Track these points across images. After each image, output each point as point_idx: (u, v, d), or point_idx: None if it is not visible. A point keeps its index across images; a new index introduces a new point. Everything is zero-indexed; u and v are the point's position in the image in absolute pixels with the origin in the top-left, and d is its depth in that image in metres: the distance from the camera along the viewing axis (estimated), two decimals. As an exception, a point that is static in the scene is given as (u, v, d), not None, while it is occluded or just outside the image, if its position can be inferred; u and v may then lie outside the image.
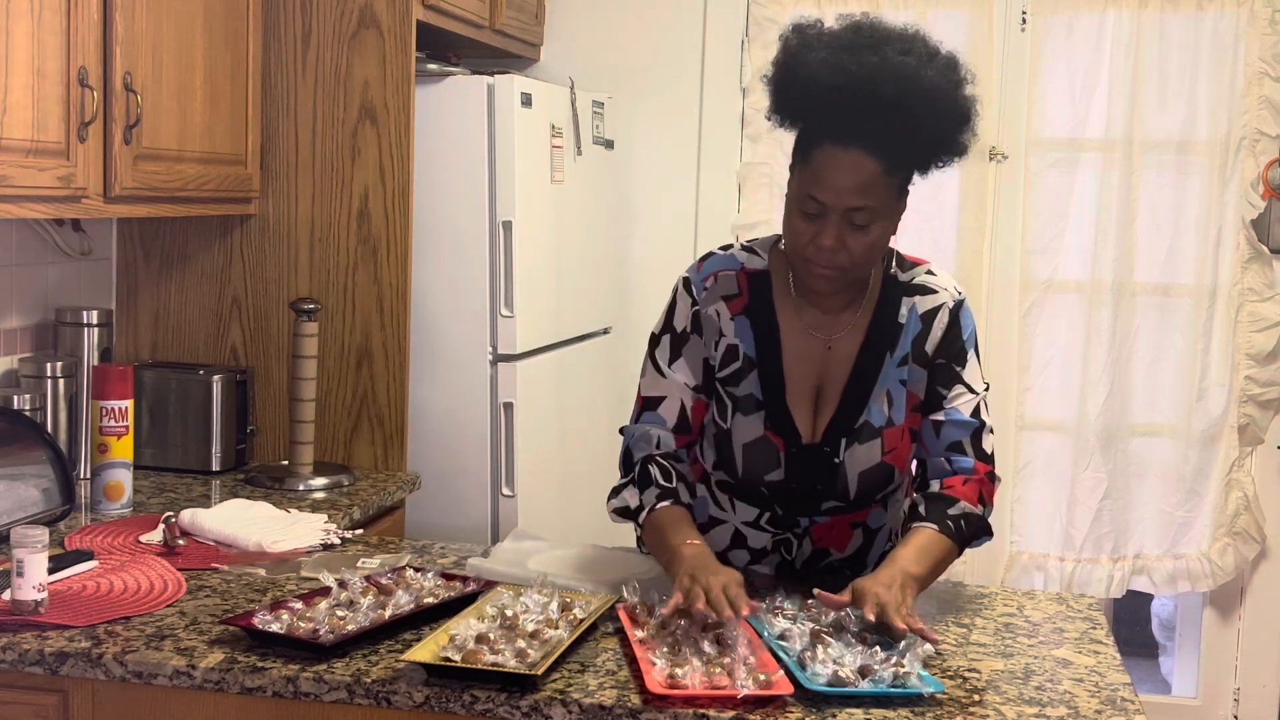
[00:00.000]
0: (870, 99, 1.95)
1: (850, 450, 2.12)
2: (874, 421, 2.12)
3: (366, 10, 3.02)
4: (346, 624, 1.86)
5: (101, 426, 2.61)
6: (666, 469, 2.13)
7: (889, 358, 2.12)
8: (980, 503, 2.09)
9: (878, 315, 2.13)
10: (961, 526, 2.05)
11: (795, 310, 2.14)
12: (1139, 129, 3.74)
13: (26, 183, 2.28)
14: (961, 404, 2.12)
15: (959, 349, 2.13)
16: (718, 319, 2.14)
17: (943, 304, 2.14)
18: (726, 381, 2.15)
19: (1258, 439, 3.82)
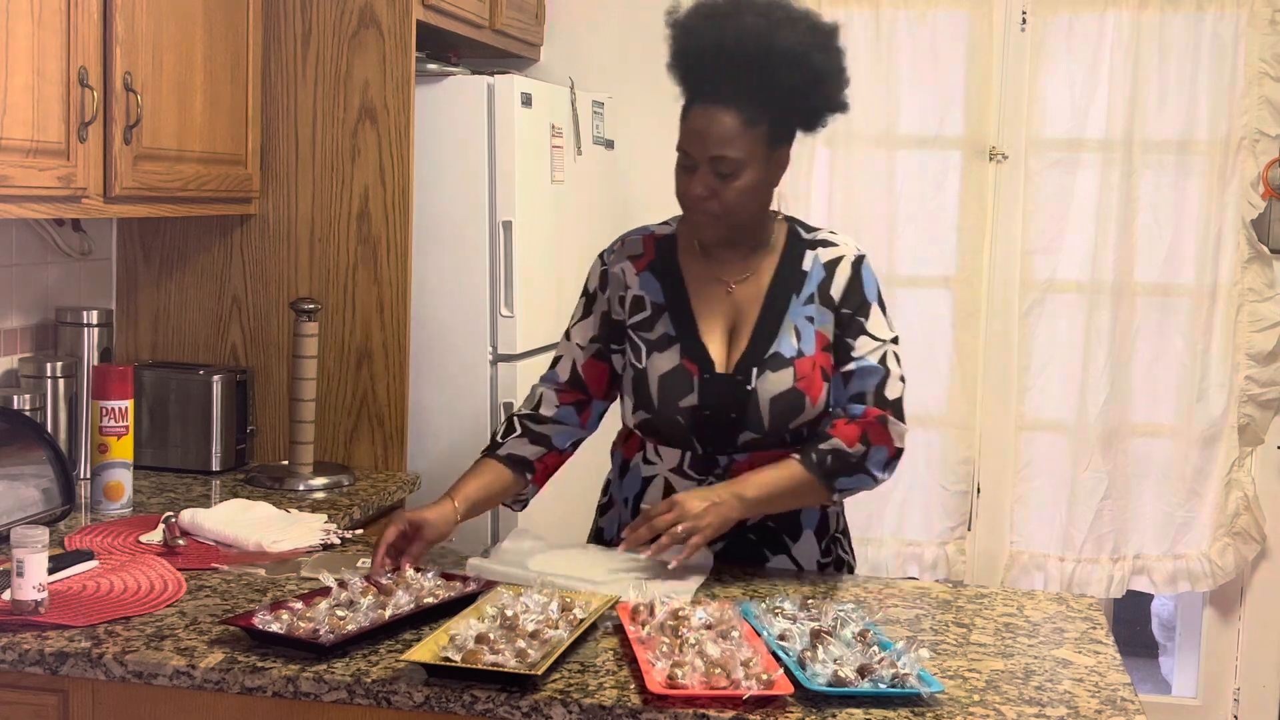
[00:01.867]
0: (726, 60, 2.18)
1: (762, 378, 2.24)
2: (784, 352, 2.25)
3: (366, 10, 3.02)
4: (346, 624, 1.86)
5: (101, 426, 2.61)
6: (513, 427, 2.37)
7: (795, 298, 2.29)
8: (861, 442, 2.22)
9: (783, 263, 2.31)
10: (826, 461, 2.21)
11: (700, 263, 2.33)
12: (1139, 129, 3.74)
13: (26, 183, 2.28)
14: (870, 354, 2.27)
15: (861, 301, 2.29)
16: (623, 275, 2.35)
17: (843, 256, 2.31)
18: (638, 327, 2.32)
19: (1258, 439, 3.82)
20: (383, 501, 2.88)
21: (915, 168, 3.85)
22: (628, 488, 2.39)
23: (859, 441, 2.22)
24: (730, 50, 2.18)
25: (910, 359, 3.82)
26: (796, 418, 2.25)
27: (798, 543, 2.35)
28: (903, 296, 3.86)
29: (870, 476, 2.25)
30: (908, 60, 3.81)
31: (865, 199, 3.84)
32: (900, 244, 3.85)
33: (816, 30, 2.23)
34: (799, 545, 2.35)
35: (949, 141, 3.84)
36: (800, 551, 2.36)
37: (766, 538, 2.33)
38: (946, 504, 3.89)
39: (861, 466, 2.23)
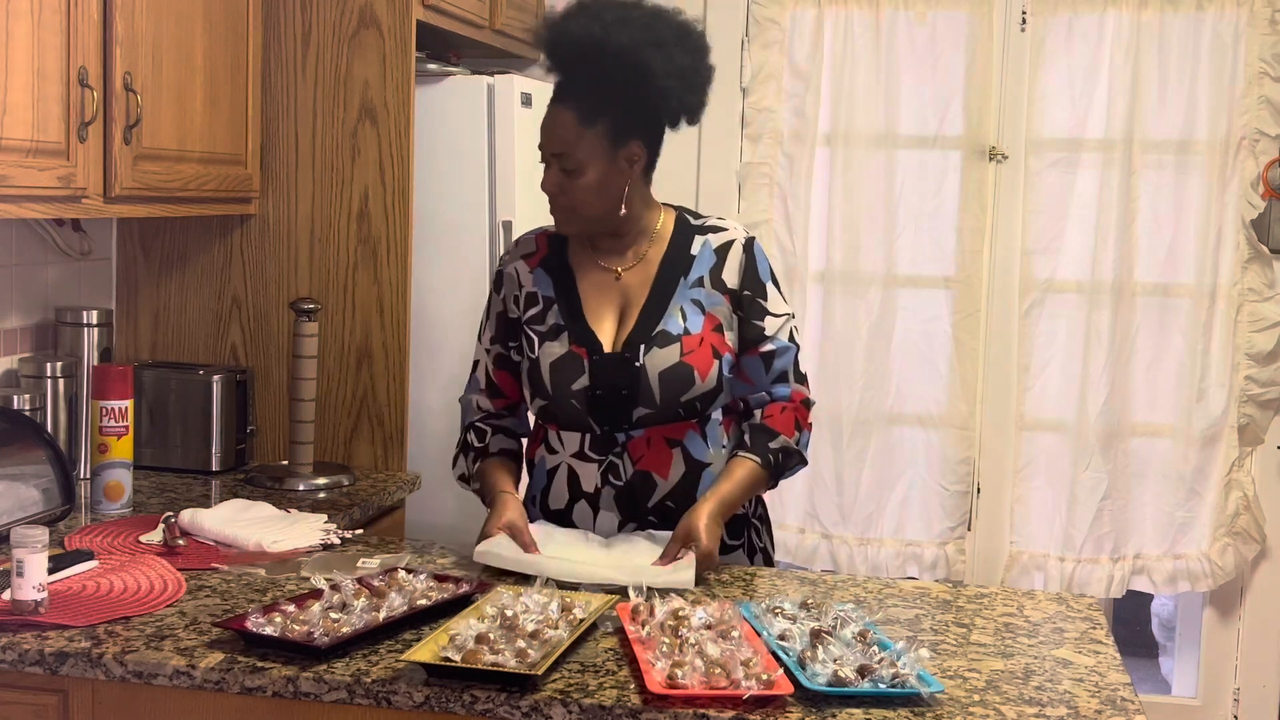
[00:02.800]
0: (564, 61, 2.32)
1: (650, 354, 2.31)
2: (671, 330, 2.33)
3: (366, 10, 3.02)
4: (341, 627, 1.86)
5: (101, 426, 2.61)
6: (482, 430, 2.47)
7: (683, 281, 2.36)
8: (797, 429, 2.36)
9: (670, 249, 2.39)
10: (779, 459, 2.34)
11: (589, 254, 2.42)
12: (1139, 129, 3.74)
13: (26, 183, 2.28)
14: (779, 332, 2.37)
15: (757, 282, 2.38)
16: (517, 275, 2.44)
17: (734, 239, 2.40)
18: (530, 321, 2.40)
19: (1258, 439, 3.82)
20: (383, 501, 2.88)
21: (915, 168, 3.85)
22: (535, 485, 2.47)
23: (795, 429, 2.36)
24: (567, 52, 2.31)
25: (910, 359, 3.88)
26: (686, 391, 2.31)
27: None
28: (903, 296, 3.87)
29: (804, 461, 2.40)
30: (908, 60, 3.81)
31: (865, 199, 3.84)
32: (900, 244, 3.85)
33: (652, 29, 2.29)
34: None
35: (949, 141, 3.84)
36: None
37: (666, 518, 2.36)
38: (946, 504, 3.89)
39: (800, 454, 2.38)
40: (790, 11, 3.85)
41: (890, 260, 3.84)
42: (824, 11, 3.82)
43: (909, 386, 3.90)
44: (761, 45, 3.86)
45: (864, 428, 3.88)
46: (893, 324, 3.87)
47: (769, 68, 3.87)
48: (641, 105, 2.31)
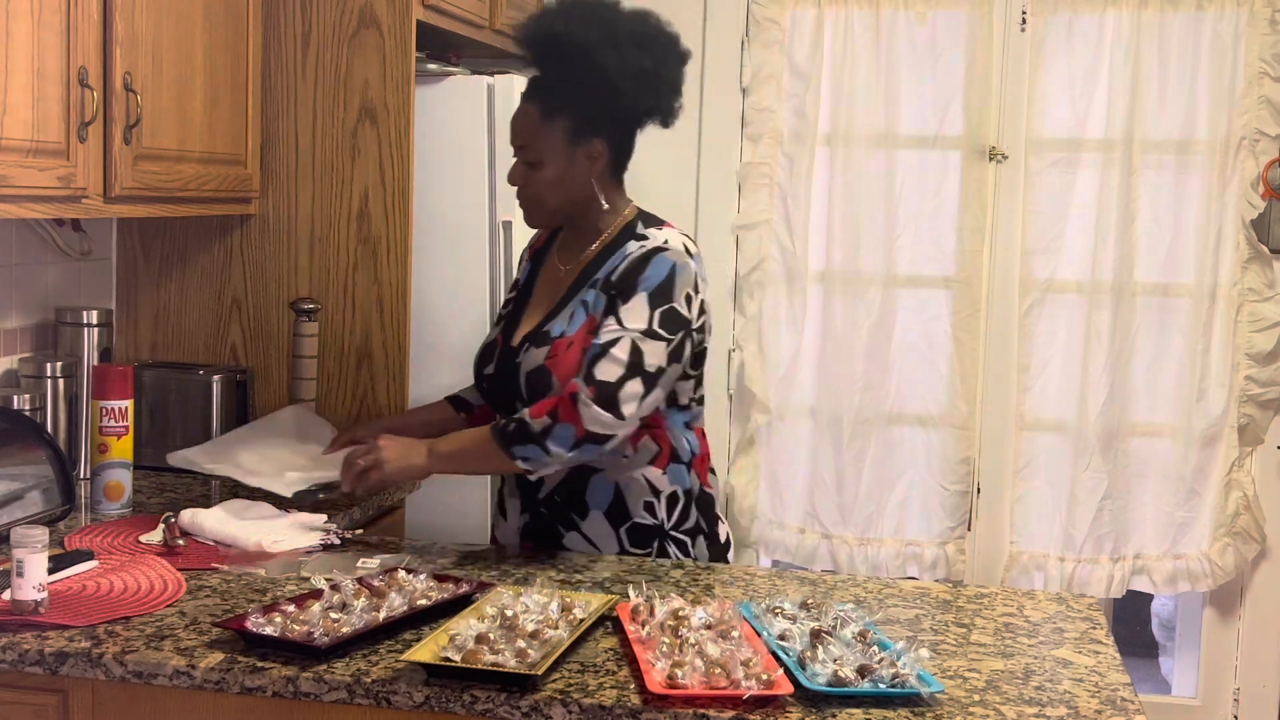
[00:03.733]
0: (531, 58, 2.39)
1: (527, 353, 2.39)
2: (553, 331, 2.38)
3: (366, 10, 3.02)
4: (341, 627, 1.86)
5: (101, 426, 2.61)
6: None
7: (589, 283, 2.40)
8: (549, 416, 2.25)
9: (604, 250, 2.42)
10: (509, 429, 2.28)
11: (559, 247, 2.51)
12: (1139, 129, 3.74)
13: (26, 183, 2.27)
14: (613, 340, 2.28)
15: (630, 287, 2.32)
16: (521, 264, 2.60)
17: (646, 246, 2.36)
18: (505, 305, 2.56)
19: (1258, 439, 3.81)
20: (383, 501, 2.88)
21: (915, 168, 3.85)
22: None
23: (546, 415, 2.26)
24: (535, 48, 2.39)
25: (910, 359, 3.88)
26: (548, 393, 2.33)
27: (586, 520, 2.41)
28: (903, 296, 3.87)
29: (545, 450, 2.25)
30: (908, 60, 3.81)
31: (865, 199, 3.84)
32: (900, 244, 3.85)
33: (613, 31, 2.32)
34: (588, 524, 2.41)
35: (949, 141, 3.83)
36: (592, 531, 2.41)
37: (556, 512, 2.42)
38: (946, 504, 3.89)
39: (539, 439, 2.25)
40: (790, 11, 3.85)
41: (890, 260, 3.84)
42: (824, 11, 3.82)
43: (909, 386, 3.89)
44: (761, 45, 3.86)
45: (864, 428, 3.88)
46: (893, 324, 3.87)
47: (769, 68, 3.87)
48: (598, 104, 2.35)
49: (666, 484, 2.41)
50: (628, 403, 2.24)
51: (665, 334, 2.29)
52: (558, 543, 2.43)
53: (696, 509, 2.46)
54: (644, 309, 2.29)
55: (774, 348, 3.92)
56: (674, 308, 2.31)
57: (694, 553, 2.46)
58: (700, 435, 2.49)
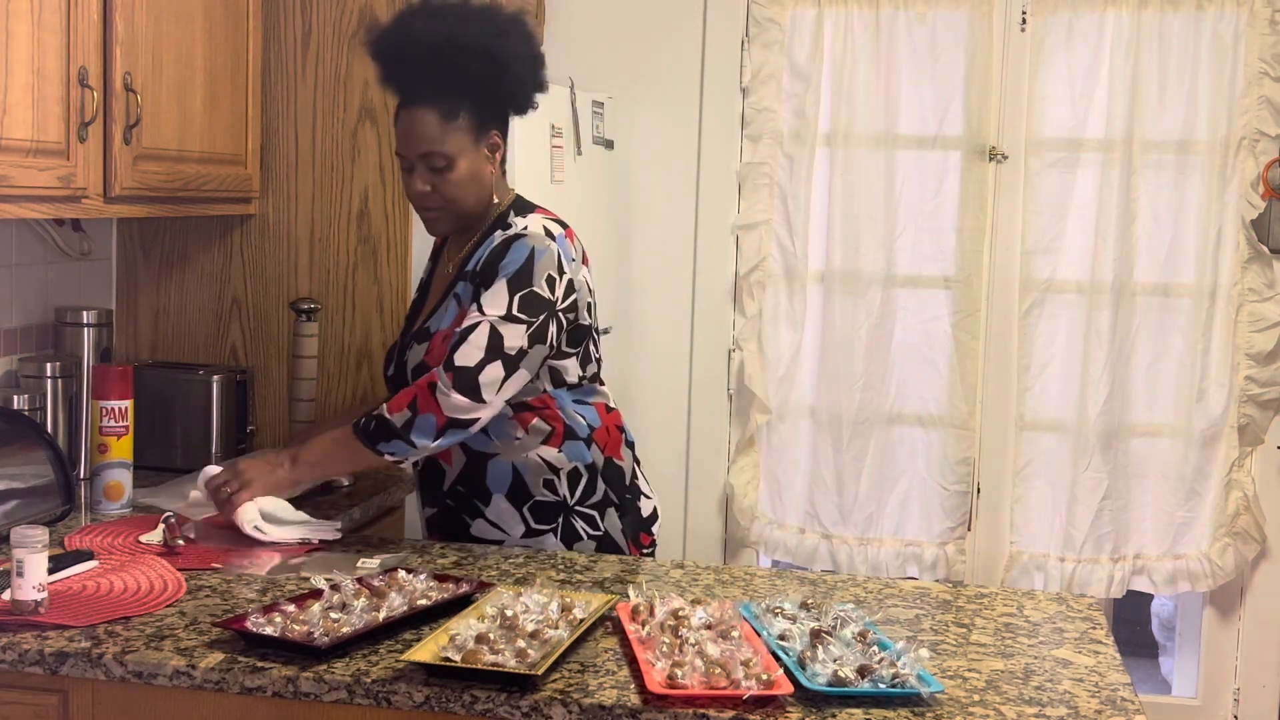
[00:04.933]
0: (415, 64, 2.35)
1: (411, 351, 2.43)
2: (431, 327, 2.41)
3: (366, 10, 3.02)
4: (341, 627, 1.86)
5: (101, 426, 2.61)
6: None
7: (460, 276, 2.42)
8: (409, 408, 2.27)
9: (474, 246, 2.44)
10: (370, 427, 2.30)
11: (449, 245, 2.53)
12: (1139, 129, 3.74)
13: (26, 183, 2.28)
14: (472, 325, 2.30)
15: (491, 273, 2.34)
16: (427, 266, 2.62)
17: (509, 233, 2.38)
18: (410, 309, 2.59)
19: (1258, 439, 3.81)
20: (383, 501, 2.88)
21: (915, 168, 3.85)
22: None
23: (406, 409, 2.27)
24: (416, 54, 2.35)
25: (910, 359, 3.88)
26: None
27: (489, 506, 2.44)
28: (903, 296, 3.87)
29: (410, 443, 2.28)
30: (908, 60, 3.81)
31: (865, 199, 3.84)
32: (900, 244, 3.85)
33: (492, 21, 2.38)
34: (492, 508, 2.44)
35: (949, 141, 3.83)
36: (496, 515, 2.44)
37: (460, 502, 2.45)
38: (946, 504, 3.89)
39: (401, 433, 2.28)
40: (790, 11, 3.85)
41: (890, 260, 3.84)
42: (824, 11, 3.82)
43: (909, 386, 3.89)
44: (761, 45, 3.86)
45: (864, 428, 3.88)
46: (893, 324, 3.87)
47: (769, 68, 3.87)
48: (495, 95, 2.40)
49: (565, 461, 2.44)
50: (488, 387, 2.27)
51: (525, 317, 2.31)
52: (465, 532, 2.47)
53: (604, 482, 2.48)
54: (503, 294, 2.32)
55: (774, 348, 3.93)
56: (534, 291, 2.33)
57: (604, 526, 2.48)
58: (602, 410, 2.50)
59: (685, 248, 3.96)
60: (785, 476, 3.97)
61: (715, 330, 3.99)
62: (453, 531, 2.49)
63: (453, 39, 2.34)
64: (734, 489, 3.96)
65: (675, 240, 3.96)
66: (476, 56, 2.34)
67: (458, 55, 2.34)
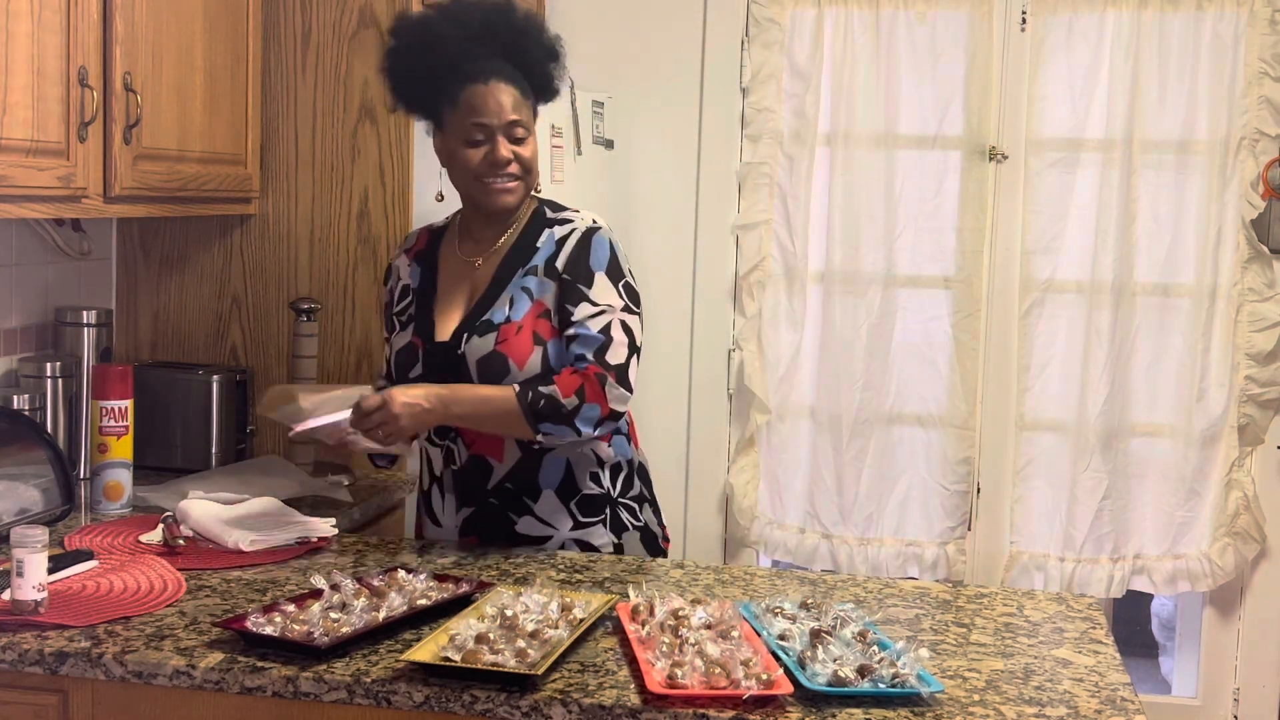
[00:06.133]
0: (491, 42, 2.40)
1: (469, 343, 2.38)
2: (494, 319, 2.39)
3: (366, 10, 3.03)
4: (341, 626, 1.86)
5: (101, 426, 2.61)
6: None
7: (520, 270, 2.42)
8: (577, 395, 2.30)
9: (520, 239, 2.45)
10: (539, 404, 2.29)
11: (458, 244, 2.51)
12: (1139, 129, 3.73)
13: (26, 183, 2.28)
14: (590, 320, 2.36)
15: (584, 269, 2.39)
16: (399, 268, 2.56)
17: (575, 229, 2.44)
18: (398, 314, 2.52)
19: (1258, 439, 3.81)
20: (383, 501, 2.88)
21: (915, 168, 3.85)
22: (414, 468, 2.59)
23: (574, 394, 2.30)
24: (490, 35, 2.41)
25: (910, 359, 3.88)
26: (503, 379, 2.36)
27: (538, 503, 2.42)
28: (903, 296, 3.86)
29: (575, 430, 2.32)
30: (908, 60, 3.81)
31: (865, 199, 3.84)
32: (900, 244, 3.85)
33: (533, 16, 2.50)
34: (540, 505, 2.42)
35: (949, 141, 3.83)
36: (545, 511, 2.43)
37: (507, 500, 2.42)
38: (946, 504, 3.89)
39: (569, 418, 2.31)
40: (790, 11, 3.85)
41: (890, 260, 3.83)
42: (824, 11, 3.81)
43: (909, 386, 3.89)
44: (761, 45, 3.86)
45: (864, 428, 3.88)
46: (893, 324, 3.86)
47: (769, 68, 3.86)
48: (547, 84, 2.49)
49: (611, 454, 2.47)
50: (634, 381, 2.37)
51: (635, 308, 2.41)
52: (508, 530, 2.44)
53: (638, 478, 2.53)
54: (610, 288, 2.39)
55: (774, 347, 3.92)
56: (628, 282, 2.43)
57: (643, 518, 2.50)
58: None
59: (685, 248, 3.95)
60: (785, 476, 3.97)
61: (715, 330, 3.99)
62: (493, 531, 2.45)
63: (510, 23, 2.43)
64: (734, 489, 3.96)
65: (675, 240, 3.96)
66: (534, 42, 2.44)
67: (520, 39, 2.43)
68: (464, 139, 2.39)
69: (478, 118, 2.37)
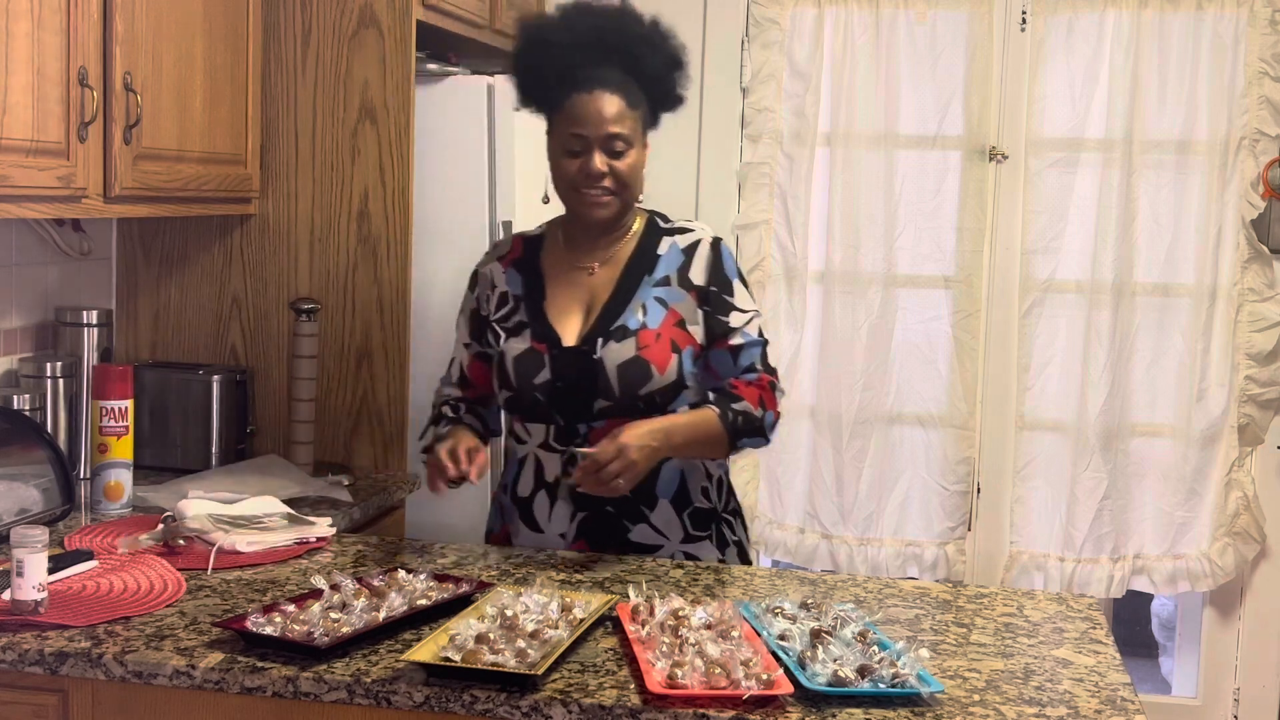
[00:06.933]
0: (599, 49, 2.40)
1: (607, 348, 2.37)
2: (630, 325, 2.39)
3: (366, 10, 3.02)
4: (341, 626, 1.86)
5: (101, 426, 2.61)
6: (456, 406, 2.56)
7: (647, 279, 2.43)
8: (760, 406, 2.38)
9: (639, 248, 2.46)
10: (739, 421, 2.36)
11: (563, 251, 2.50)
12: (1139, 129, 3.74)
13: (26, 183, 2.27)
14: (747, 326, 2.43)
15: (724, 278, 2.44)
16: (491, 275, 2.53)
17: (700, 239, 2.47)
18: (500, 320, 2.48)
19: (1258, 439, 3.82)
20: (383, 501, 2.88)
21: (915, 168, 3.85)
22: (507, 474, 2.54)
23: (759, 405, 2.38)
24: (599, 42, 2.41)
25: (910, 359, 3.88)
26: (644, 385, 2.36)
27: (654, 511, 2.42)
28: (903, 296, 3.87)
29: (766, 439, 2.42)
30: (908, 60, 3.81)
31: (865, 199, 3.84)
32: (900, 244, 3.85)
33: (659, 25, 2.47)
34: (656, 514, 2.42)
35: (949, 141, 3.84)
36: (660, 520, 2.42)
37: (624, 507, 2.41)
38: (946, 504, 3.89)
39: (762, 429, 2.39)
40: (790, 11, 3.85)
41: (890, 260, 3.84)
42: (824, 11, 3.82)
43: (909, 386, 3.90)
44: (761, 45, 3.86)
45: (864, 428, 3.88)
46: (893, 324, 3.87)
47: (769, 68, 3.87)
48: (663, 93, 2.47)
49: (715, 468, 2.50)
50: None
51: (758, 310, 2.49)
52: (621, 538, 2.42)
53: (730, 491, 2.56)
54: (745, 293, 2.46)
55: (773, 348, 3.92)
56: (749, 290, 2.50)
57: (738, 533, 2.53)
58: None
59: (685, 248, 3.95)
60: (785, 476, 3.97)
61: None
62: (606, 539, 2.42)
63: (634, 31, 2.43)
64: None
65: (675, 240, 3.95)
66: (654, 51, 2.44)
67: (637, 47, 2.42)
68: (564, 147, 2.40)
69: (576, 128, 2.37)
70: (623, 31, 2.43)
